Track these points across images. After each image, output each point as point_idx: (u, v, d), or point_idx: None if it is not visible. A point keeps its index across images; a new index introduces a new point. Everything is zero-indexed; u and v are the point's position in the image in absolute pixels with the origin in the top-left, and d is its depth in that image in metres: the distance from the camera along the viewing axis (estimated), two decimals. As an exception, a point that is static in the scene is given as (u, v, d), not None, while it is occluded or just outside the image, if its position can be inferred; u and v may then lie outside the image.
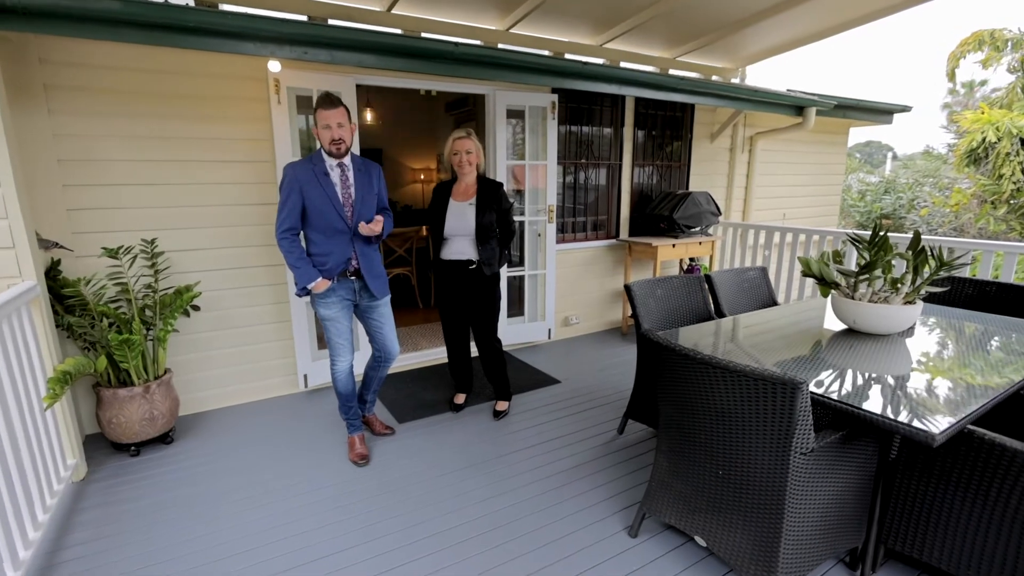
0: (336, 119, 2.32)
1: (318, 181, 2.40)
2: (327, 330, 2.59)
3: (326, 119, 2.32)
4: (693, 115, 5.06)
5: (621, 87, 3.58)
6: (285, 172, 2.40)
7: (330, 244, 2.46)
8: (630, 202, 4.88)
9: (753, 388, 1.51)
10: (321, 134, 2.37)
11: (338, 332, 2.59)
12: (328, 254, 2.46)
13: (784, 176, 6.00)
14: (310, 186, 2.39)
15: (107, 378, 2.72)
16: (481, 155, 2.92)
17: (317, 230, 2.45)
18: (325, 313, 2.55)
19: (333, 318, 2.56)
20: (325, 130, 2.34)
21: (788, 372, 1.82)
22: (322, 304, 2.53)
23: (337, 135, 2.34)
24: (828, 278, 2.21)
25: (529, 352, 4.34)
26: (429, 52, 2.78)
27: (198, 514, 2.28)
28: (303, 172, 2.39)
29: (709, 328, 2.44)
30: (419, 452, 2.78)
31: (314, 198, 2.39)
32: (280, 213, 2.39)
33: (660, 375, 1.87)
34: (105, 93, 2.78)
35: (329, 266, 2.46)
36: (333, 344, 2.61)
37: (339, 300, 2.55)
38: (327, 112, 2.31)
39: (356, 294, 2.61)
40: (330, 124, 2.32)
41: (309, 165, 2.41)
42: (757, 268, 3.21)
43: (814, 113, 4.78)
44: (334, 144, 2.35)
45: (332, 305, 2.54)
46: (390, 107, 7.32)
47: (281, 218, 2.39)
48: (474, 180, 2.93)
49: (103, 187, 2.86)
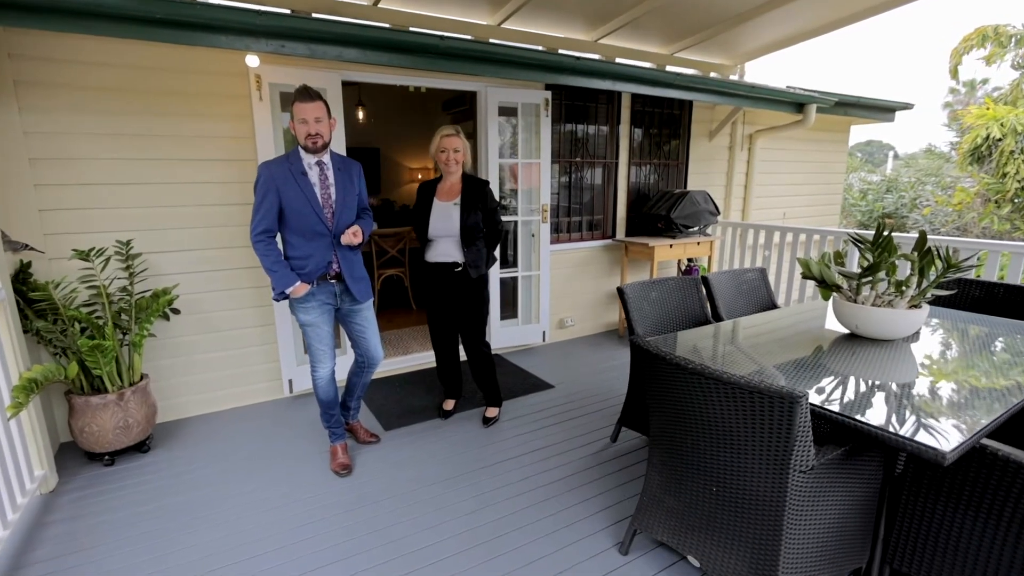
0: (314, 113, 2.22)
1: (295, 180, 2.28)
2: (307, 336, 2.49)
3: (303, 112, 2.21)
4: (691, 113, 4.95)
5: (616, 83, 3.47)
6: (260, 171, 2.28)
7: (309, 247, 2.35)
8: (627, 201, 4.77)
9: (748, 401, 1.40)
10: (298, 128, 2.26)
11: (318, 337, 2.49)
12: (307, 257, 2.35)
13: (784, 175, 5.89)
14: (287, 186, 2.27)
15: (80, 385, 2.62)
16: (468, 154, 2.82)
17: (295, 232, 2.34)
18: (305, 318, 2.44)
19: (313, 323, 2.45)
20: (302, 124, 2.23)
21: (787, 380, 1.71)
22: (301, 309, 2.43)
23: (314, 130, 2.23)
24: (829, 280, 2.10)
25: (523, 355, 4.23)
26: (414, 46, 2.67)
27: (167, 529, 2.18)
28: (279, 171, 2.27)
29: (706, 332, 2.33)
30: (404, 462, 2.68)
31: (291, 199, 2.28)
32: (255, 214, 2.28)
33: (651, 384, 1.76)
34: (80, 90, 2.68)
35: (308, 270, 2.35)
36: (314, 350, 2.51)
37: (319, 305, 2.44)
38: (304, 105, 2.21)
39: (337, 298, 2.50)
40: (307, 118, 2.21)
41: (285, 164, 2.29)
42: (756, 269, 3.10)
43: (815, 110, 4.66)
44: (310, 139, 2.24)
45: (311, 310, 2.43)
46: (386, 106, 7.23)
47: (256, 220, 2.28)
48: (459, 179, 2.83)
49: (78, 187, 2.76)
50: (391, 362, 3.91)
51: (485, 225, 2.82)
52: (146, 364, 2.99)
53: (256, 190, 2.29)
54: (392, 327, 4.90)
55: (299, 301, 2.40)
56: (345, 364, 3.07)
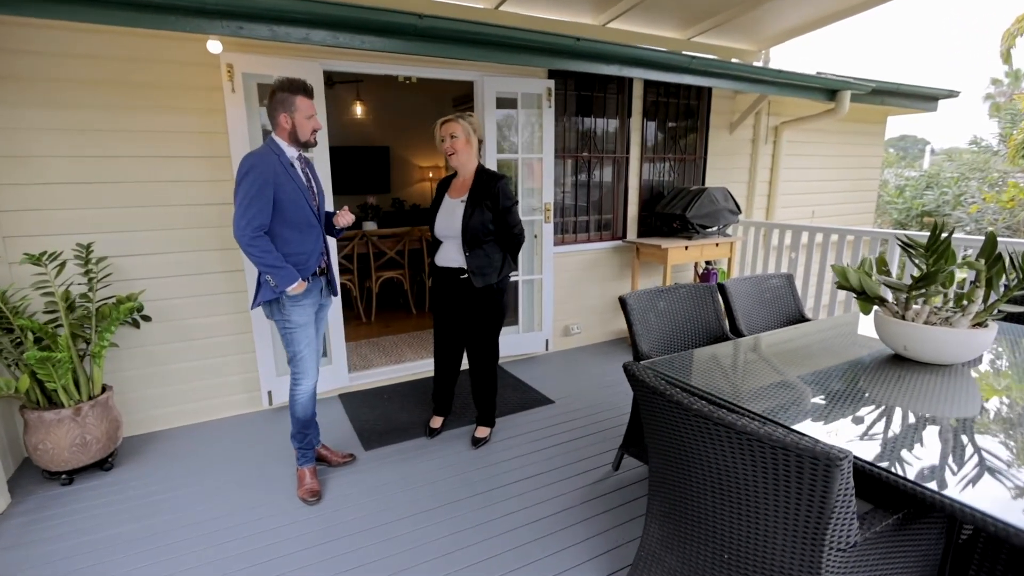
0: (314, 110, 2.20)
1: (288, 173, 2.15)
2: (296, 341, 2.26)
3: (311, 110, 2.18)
4: (710, 103, 4.57)
5: (624, 68, 3.13)
6: (250, 163, 2.05)
7: (305, 241, 2.22)
8: (639, 200, 4.43)
9: (770, 458, 1.08)
10: (303, 124, 2.17)
11: (308, 342, 2.29)
12: (306, 253, 2.23)
13: (813, 170, 5.45)
14: (282, 178, 2.13)
15: (35, 399, 2.43)
16: (472, 136, 2.49)
17: (291, 226, 2.17)
18: (299, 319, 2.23)
19: (306, 323, 2.27)
20: (308, 120, 2.17)
21: (819, 414, 1.37)
22: (296, 309, 2.22)
23: (319, 124, 2.23)
24: (871, 292, 1.75)
25: (524, 365, 3.93)
26: (389, 27, 2.40)
27: (114, 562, 1.95)
28: (272, 163, 2.11)
29: (721, 352, 2.00)
30: (379, 488, 2.41)
31: (288, 191, 2.14)
32: (247, 210, 2.03)
33: (648, 419, 1.45)
34: (40, 82, 2.49)
35: (309, 264, 2.24)
36: (301, 358, 2.28)
37: (312, 303, 2.29)
38: (310, 102, 2.17)
39: (321, 294, 2.38)
40: (313, 114, 2.19)
41: (273, 156, 2.13)
42: (781, 275, 2.75)
43: (848, 98, 4.24)
44: (315, 134, 2.21)
45: (306, 309, 2.26)
46: (395, 102, 7.00)
47: (250, 216, 2.04)
48: (472, 173, 2.54)
49: (37, 186, 2.56)
50: (381, 371, 3.66)
51: (496, 227, 2.52)
52: (113, 375, 2.79)
53: (245, 183, 2.04)
54: (390, 332, 4.65)
55: (295, 301, 2.21)
56: (324, 376, 2.82)
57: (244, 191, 2.05)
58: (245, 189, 2.05)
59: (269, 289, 2.17)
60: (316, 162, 3.08)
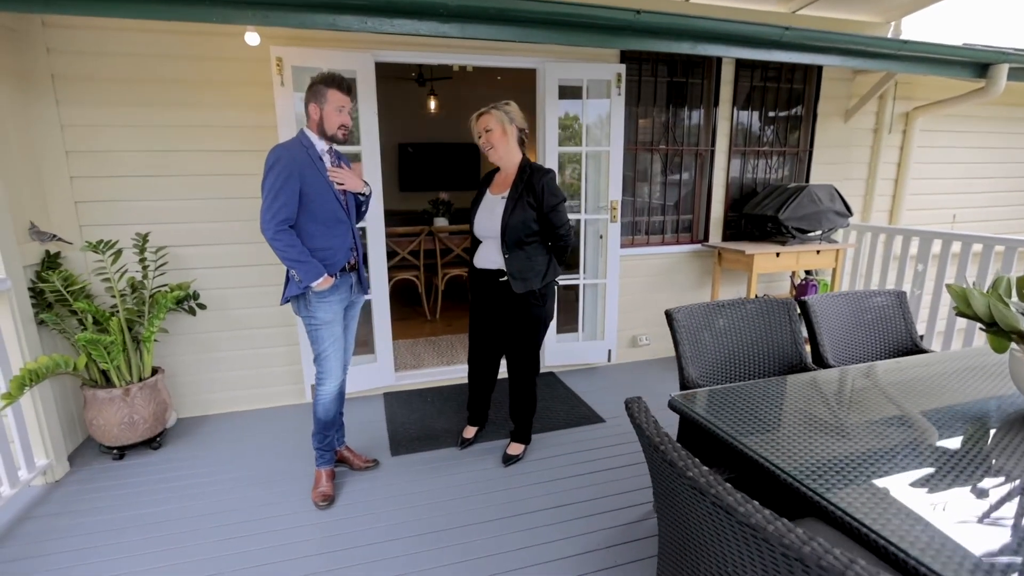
0: (349, 106, 2.15)
1: (315, 166, 2.09)
2: (321, 339, 2.19)
3: (342, 102, 2.11)
4: (819, 86, 3.91)
5: (696, 44, 2.69)
6: (276, 156, 2.02)
7: (332, 236, 2.16)
8: (724, 199, 3.90)
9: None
10: (331, 116, 2.09)
11: (334, 339, 2.21)
12: (332, 248, 2.16)
13: (954, 165, 4.50)
14: (309, 171, 2.07)
15: (94, 378, 2.60)
16: (508, 127, 2.26)
17: (318, 221, 2.12)
18: (324, 316, 2.17)
19: (332, 321, 2.19)
20: (338, 113, 2.10)
21: (918, 495, 0.96)
22: (322, 306, 2.15)
23: (348, 121, 2.15)
24: (1007, 324, 1.24)
25: (580, 376, 3.61)
26: (417, 7, 2.22)
27: (111, 548, 1.99)
28: (299, 155, 2.06)
29: (790, 388, 1.57)
30: (393, 500, 2.26)
31: (315, 184, 2.08)
32: (272, 203, 2.00)
33: (651, 470, 1.12)
34: (112, 82, 2.66)
35: (336, 259, 2.17)
36: (326, 356, 2.21)
37: (339, 300, 2.21)
38: (345, 96, 2.11)
39: (351, 290, 2.29)
40: (344, 107, 2.12)
41: (302, 148, 2.09)
42: (888, 292, 2.18)
43: (1005, 74, 3.38)
44: (342, 129, 2.13)
45: (333, 305, 2.19)
46: (489, 98, 6.91)
47: (274, 209, 2.01)
48: (516, 167, 2.33)
49: (111, 179, 2.75)
50: (429, 372, 3.55)
51: (540, 227, 2.29)
52: (171, 358, 2.94)
53: (270, 176, 2.01)
54: (406, 336, 4.47)
55: (320, 297, 2.14)
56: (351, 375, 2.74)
57: (270, 184, 2.01)
58: (271, 182, 2.01)
59: (295, 284, 2.11)
60: (366, 159, 3.02)
